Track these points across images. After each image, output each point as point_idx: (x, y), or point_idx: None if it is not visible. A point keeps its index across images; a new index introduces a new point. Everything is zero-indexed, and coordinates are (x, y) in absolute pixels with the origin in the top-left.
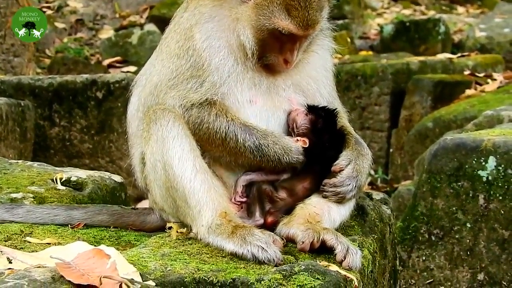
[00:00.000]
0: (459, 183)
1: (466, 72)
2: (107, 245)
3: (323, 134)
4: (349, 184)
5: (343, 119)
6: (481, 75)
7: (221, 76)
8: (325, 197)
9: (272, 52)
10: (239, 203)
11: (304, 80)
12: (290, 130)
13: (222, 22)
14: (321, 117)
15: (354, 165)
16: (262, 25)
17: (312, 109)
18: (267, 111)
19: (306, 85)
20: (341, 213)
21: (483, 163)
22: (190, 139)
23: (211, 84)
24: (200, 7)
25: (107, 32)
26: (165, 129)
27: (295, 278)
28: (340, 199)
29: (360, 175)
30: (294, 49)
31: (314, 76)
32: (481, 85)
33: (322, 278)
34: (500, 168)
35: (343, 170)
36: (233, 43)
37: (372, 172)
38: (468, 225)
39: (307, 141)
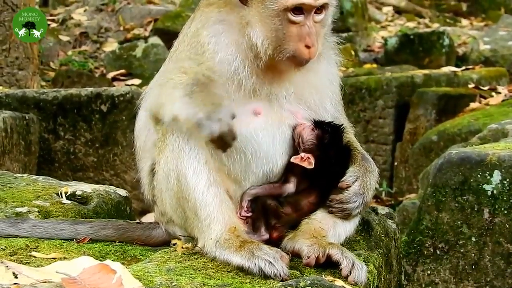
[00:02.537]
0: (464, 197)
1: (471, 85)
2: (112, 260)
3: (329, 149)
4: (356, 201)
5: (349, 134)
6: (486, 88)
7: (221, 72)
8: (331, 212)
9: (290, 41)
10: (244, 218)
11: (306, 90)
12: (296, 145)
13: (232, 26)
14: (327, 132)
15: (361, 182)
16: (271, 13)
17: (318, 125)
18: (272, 125)
19: (309, 95)
20: (346, 228)
21: (488, 177)
22: (206, 152)
23: (208, 68)
24: (205, 13)
25: (111, 45)
26: (182, 140)
27: None
28: (346, 216)
29: (367, 192)
30: (311, 32)
31: (317, 87)
32: (485, 98)
33: None
34: (505, 182)
35: (350, 186)
36: (244, 45)
37: (377, 186)
38: (473, 239)
39: (312, 161)
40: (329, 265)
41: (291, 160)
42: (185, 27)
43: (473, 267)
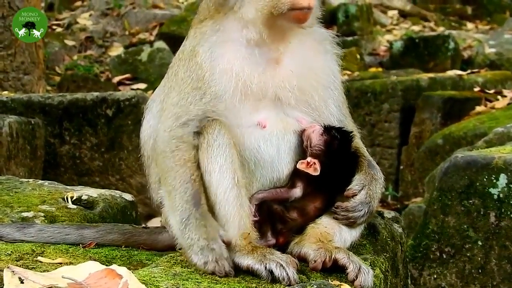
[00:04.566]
0: (470, 201)
1: (476, 89)
2: (118, 265)
3: (337, 156)
4: (361, 210)
5: (357, 139)
6: (491, 91)
7: (225, 88)
8: (336, 219)
9: None
10: (252, 222)
11: (308, 83)
12: (304, 147)
13: (226, 29)
14: (336, 139)
15: (367, 191)
16: None
17: (328, 130)
18: (277, 136)
19: (312, 90)
20: (352, 233)
21: (494, 181)
22: (233, 150)
23: (212, 97)
24: (199, 29)
25: (116, 49)
26: (211, 137)
27: None
28: (351, 224)
29: (373, 201)
30: None
31: (319, 80)
32: (491, 101)
33: None
34: (511, 185)
35: (356, 195)
36: (242, 41)
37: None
38: (480, 242)
39: (318, 167)
40: (335, 269)
41: (297, 166)
42: (181, 48)
43: (480, 271)
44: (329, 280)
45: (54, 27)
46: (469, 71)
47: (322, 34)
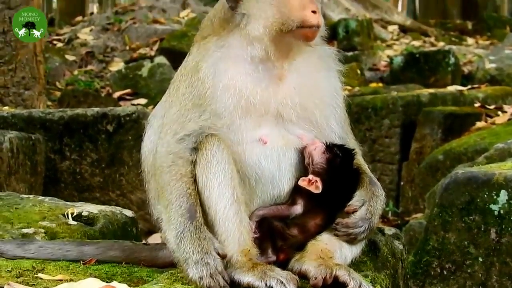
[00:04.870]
0: (471, 217)
1: (477, 104)
2: (119, 282)
3: (339, 174)
4: (362, 226)
5: (358, 156)
6: (492, 107)
7: (226, 105)
8: (336, 235)
9: (295, 11)
10: (252, 238)
11: (310, 100)
12: (306, 164)
13: (231, 46)
14: (338, 157)
15: (368, 207)
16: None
17: (330, 148)
18: (277, 152)
19: (313, 107)
20: (352, 250)
21: (495, 197)
22: (232, 166)
23: (212, 114)
24: (203, 45)
25: (117, 65)
26: (210, 153)
27: None
28: (352, 240)
29: (373, 217)
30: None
31: (321, 97)
32: (491, 117)
33: None
34: None
35: (356, 211)
36: (246, 58)
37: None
38: (480, 259)
39: (319, 185)
40: (336, 286)
41: (298, 183)
42: (184, 63)
43: (480, 287)
44: None
45: (54, 42)
46: (469, 86)
47: (325, 51)
